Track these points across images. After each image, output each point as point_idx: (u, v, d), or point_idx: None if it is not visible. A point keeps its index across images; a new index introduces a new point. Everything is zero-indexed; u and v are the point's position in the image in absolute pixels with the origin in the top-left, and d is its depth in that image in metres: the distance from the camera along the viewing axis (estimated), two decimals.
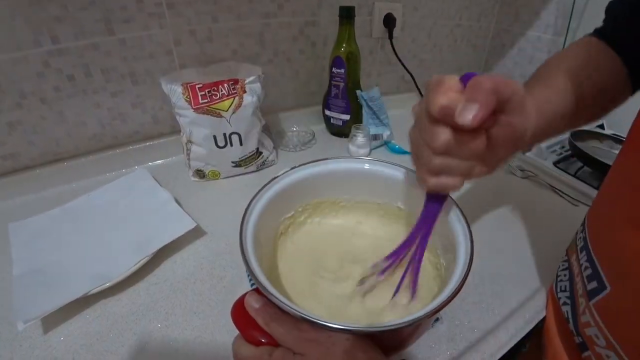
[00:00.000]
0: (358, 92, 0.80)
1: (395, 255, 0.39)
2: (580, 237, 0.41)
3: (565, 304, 0.42)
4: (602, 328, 0.33)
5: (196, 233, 0.57)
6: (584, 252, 0.38)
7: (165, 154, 0.76)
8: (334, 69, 0.78)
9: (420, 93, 1.09)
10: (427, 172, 0.34)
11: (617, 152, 1.08)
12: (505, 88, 0.28)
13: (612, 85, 0.43)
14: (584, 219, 0.42)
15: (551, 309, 0.47)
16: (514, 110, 0.29)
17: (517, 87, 0.29)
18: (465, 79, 0.29)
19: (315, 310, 0.41)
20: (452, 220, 0.40)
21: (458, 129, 0.29)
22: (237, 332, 0.33)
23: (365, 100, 0.79)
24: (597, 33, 0.46)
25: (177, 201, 0.61)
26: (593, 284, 0.35)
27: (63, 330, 0.44)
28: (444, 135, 0.30)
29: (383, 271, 0.40)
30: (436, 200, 0.37)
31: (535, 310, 0.48)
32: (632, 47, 0.41)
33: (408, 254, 0.39)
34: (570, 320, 0.40)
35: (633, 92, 0.45)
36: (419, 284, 0.38)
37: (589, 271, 0.36)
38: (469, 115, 0.27)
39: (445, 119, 0.29)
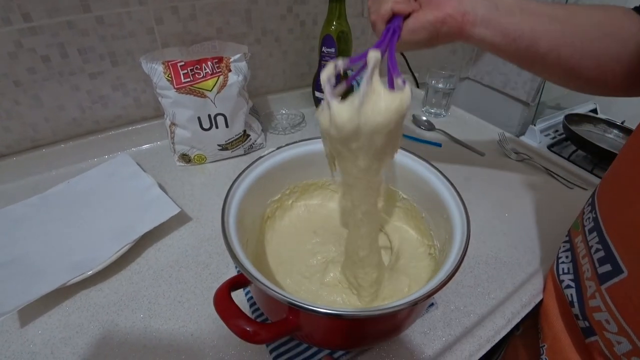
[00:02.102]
0: (350, 72, 0.77)
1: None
2: (588, 218, 0.39)
3: (568, 287, 0.41)
4: (614, 313, 0.32)
5: (181, 219, 0.55)
6: (594, 234, 0.36)
7: (150, 139, 0.73)
8: (324, 48, 0.75)
9: (414, 76, 1.07)
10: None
11: (610, 136, 1.08)
12: None
13: (622, 36, 0.38)
14: (592, 199, 0.40)
15: (551, 291, 0.45)
16: None
17: None
18: None
19: (309, 294, 0.40)
20: (448, 201, 0.38)
21: None
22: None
23: (357, 81, 0.76)
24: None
25: (161, 187, 0.58)
26: (606, 267, 0.33)
27: (41, 323, 0.42)
28: None
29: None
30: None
31: (532, 293, 0.47)
32: None
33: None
34: (576, 304, 0.39)
35: None
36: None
37: (600, 253, 0.34)
38: None
39: None
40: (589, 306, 0.36)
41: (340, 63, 0.32)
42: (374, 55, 0.31)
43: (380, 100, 0.29)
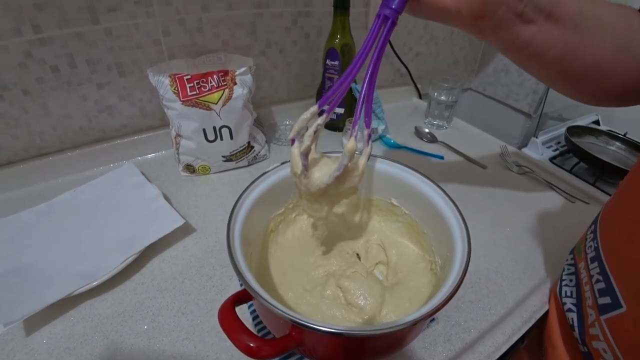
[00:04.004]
0: (353, 85, 0.78)
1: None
2: (590, 247, 0.39)
3: (570, 310, 0.41)
4: (611, 344, 0.32)
5: (185, 230, 0.55)
6: (595, 263, 0.36)
7: (155, 148, 0.74)
8: (328, 61, 0.76)
9: (416, 87, 1.08)
10: None
11: (613, 148, 1.08)
12: None
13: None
14: (594, 226, 0.40)
15: (554, 312, 0.45)
16: None
17: None
18: None
19: (309, 307, 0.40)
20: (450, 219, 0.39)
21: None
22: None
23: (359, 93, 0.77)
24: None
25: (166, 197, 0.59)
26: (606, 299, 0.33)
27: (46, 333, 0.42)
28: None
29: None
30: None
31: (532, 309, 0.47)
32: None
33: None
34: (577, 329, 0.39)
35: None
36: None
37: (601, 285, 0.34)
38: None
39: None
40: (589, 333, 0.36)
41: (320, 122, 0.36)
42: (349, 151, 0.34)
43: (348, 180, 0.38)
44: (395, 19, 0.32)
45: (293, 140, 0.37)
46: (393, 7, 0.31)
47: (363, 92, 0.35)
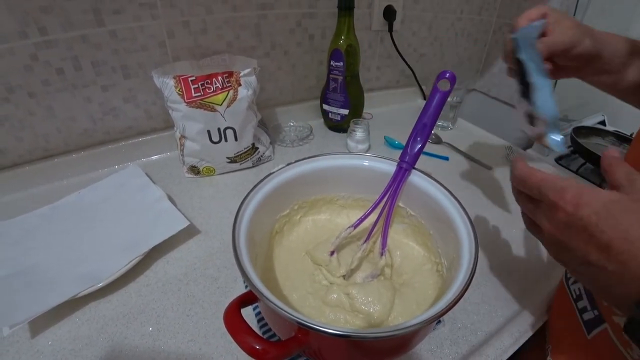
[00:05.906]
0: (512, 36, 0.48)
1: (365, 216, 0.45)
2: None
3: (575, 282, 0.41)
4: None
5: (189, 232, 0.55)
6: None
7: (159, 150, 0.74)
8: (332, 62, 0.76)
9: (421, 88, 1.08)
10: None
11: (619, 149, 1.07)
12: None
13: None
14: None
15: (558, 305, 0.45)
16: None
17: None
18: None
19: (313, 310, 0.40)
20: (455, 218, 0.38)
21: None
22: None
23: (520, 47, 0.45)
24: None
25: (170, 198, 0.59)
26: None
27: (51, 335, 0.42)
28: None
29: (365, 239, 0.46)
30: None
31: (540, 312, 0.46)
32: None
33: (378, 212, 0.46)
34: (584, 296, 0.39)
35: None
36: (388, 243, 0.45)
37: None
38: None
39: None
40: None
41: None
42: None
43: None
44: (409, 169, 0.44)
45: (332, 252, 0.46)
46: (407, 160, 0.44)
47: (385, 228, 0.45)
